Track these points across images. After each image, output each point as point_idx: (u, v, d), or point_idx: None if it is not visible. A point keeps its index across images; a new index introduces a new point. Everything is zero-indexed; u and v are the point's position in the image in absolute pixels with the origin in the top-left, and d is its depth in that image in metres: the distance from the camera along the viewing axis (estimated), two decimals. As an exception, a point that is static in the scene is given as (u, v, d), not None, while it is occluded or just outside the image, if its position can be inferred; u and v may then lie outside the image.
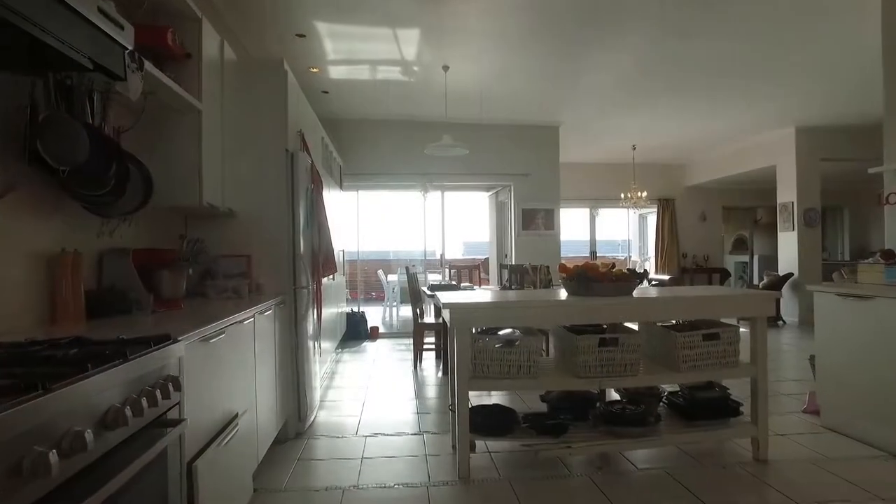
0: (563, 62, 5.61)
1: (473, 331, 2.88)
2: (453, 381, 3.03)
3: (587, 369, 2.87)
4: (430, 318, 5.94)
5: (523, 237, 7.90)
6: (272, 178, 3.51)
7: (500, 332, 3.06)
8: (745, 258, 13.83)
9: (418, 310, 5.70)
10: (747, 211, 13.15)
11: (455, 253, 9.94)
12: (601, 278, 2.97)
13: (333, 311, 6.18)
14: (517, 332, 2.98)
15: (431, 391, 4.80)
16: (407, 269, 5.73)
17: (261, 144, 3.50)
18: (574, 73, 5.91)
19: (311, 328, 3.82)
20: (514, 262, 7.82)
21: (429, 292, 5.41)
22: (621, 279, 3.01)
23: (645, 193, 9.85)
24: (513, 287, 5.03)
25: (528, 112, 7.43)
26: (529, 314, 2.85)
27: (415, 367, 5.66)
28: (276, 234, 3.51)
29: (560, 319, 2.92)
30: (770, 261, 13.31)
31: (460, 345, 2.81)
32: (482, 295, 3.30)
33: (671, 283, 10.23)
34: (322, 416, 4.02)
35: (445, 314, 2.91)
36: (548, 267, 5.11)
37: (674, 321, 3.29)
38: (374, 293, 13.84)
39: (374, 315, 9.76)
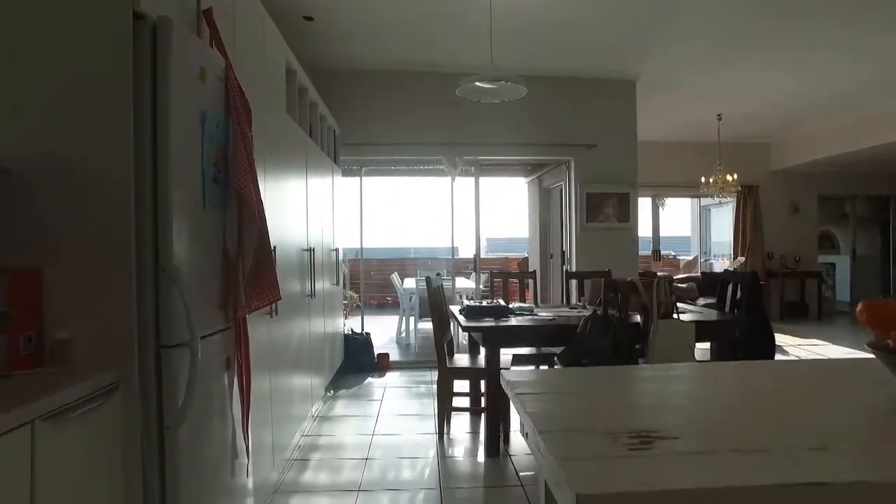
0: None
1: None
2: None
3: None
4: (461, 358, 3.84)
5: (587, 232, 5.76)
6: (96, 85, 1.44)
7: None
8: (833, 259, 11.44)
9: (444, 345, 3.60)
10: (838, 201, 10.78)
11: (467, 251, 7.93)
12: None
13: (319, 333, 4.15)
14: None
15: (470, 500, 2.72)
16: (428, 280, 3.64)
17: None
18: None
19: (224, 440, 1.75)
20: (573, 267, 5.69)
21: (464, 322, 3.31)
22: None
23: (735, 176, 7.64)
24: (613, 316, 2.90)
25: (595, 58, 5.29)
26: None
27: (440, 436, 3.58)
28: (108, 220, 1.45)
29: None
30: (871, 261, 10.93)
31: None
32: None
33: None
34: None
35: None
36: (669, 282, 2.98)
37: None
38: (389, 297, 11.77)
39: (386, 328, 7.72)
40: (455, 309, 3.77)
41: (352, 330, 5.64)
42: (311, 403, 3.86)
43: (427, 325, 7.47)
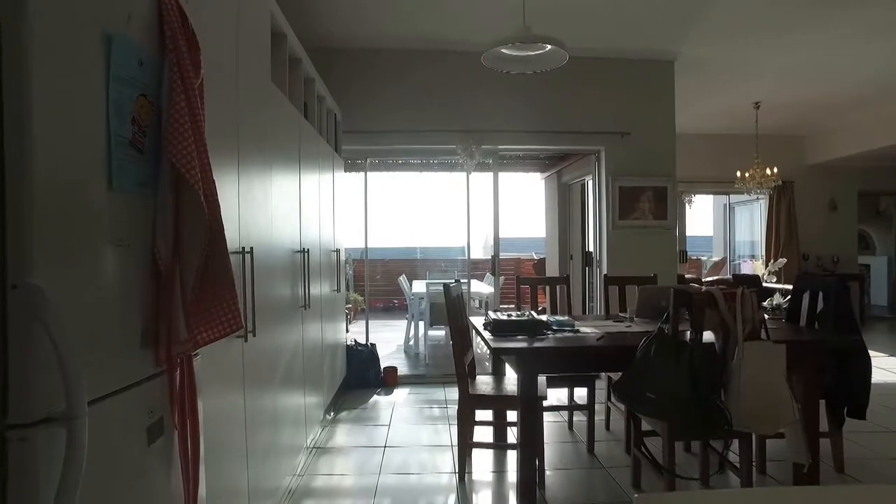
0: None
1: None
2: None
3: None
4: (485, 380, 3.21)
5: (619, 230, 5.11)
6: None
7: None
8: (868, 259, 10.72)
9: (466, 365, 2.97)
10: (871, 198, 10.07)
11: (477, 251, 7.39)
12: None
13: (316, 348, 3.55)
14: None
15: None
16: (446, 288, 3.01)
17: None
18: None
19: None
20: (604, 270, 5.05)
21: (492, 341, 2.67)
22: None
23: (776, 169, 6.97)
24: (688, 337, 2.26)
25: (629, 36, 4.65)
26: None
27: (461, 477, 2.95)
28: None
29: None
30: (912, 263, 10.21)
31: None
32: None
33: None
34: None
35: None
36: (754, 292, 2.33)
37: None
38: (396, 300, 11.14)
39: (393, 335, 7.12)
40: (478, 321, 3.14)
41: (355, 341, 5.02)
42: (305, 432, 3.24)
43: (438, 333, 6.87)
